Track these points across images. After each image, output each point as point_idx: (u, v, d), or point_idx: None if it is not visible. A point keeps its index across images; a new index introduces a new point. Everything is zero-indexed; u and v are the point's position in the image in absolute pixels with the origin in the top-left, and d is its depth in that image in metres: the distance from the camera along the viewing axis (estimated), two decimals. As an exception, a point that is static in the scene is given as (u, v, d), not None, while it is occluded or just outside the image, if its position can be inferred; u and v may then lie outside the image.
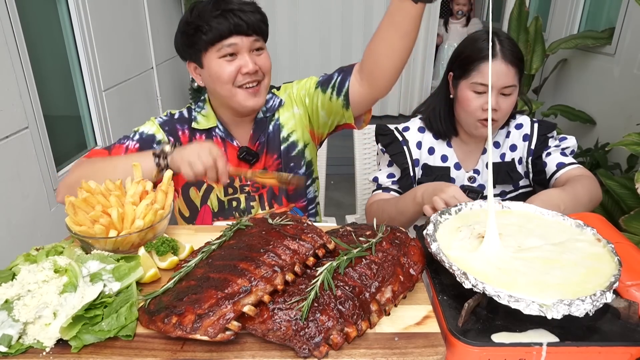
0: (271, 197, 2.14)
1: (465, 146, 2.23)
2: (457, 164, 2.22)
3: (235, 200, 2.12)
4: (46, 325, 1.11)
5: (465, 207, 1.52)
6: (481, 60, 1.97)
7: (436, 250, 1.24)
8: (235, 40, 1.85)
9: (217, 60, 1.88)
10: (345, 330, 1.09)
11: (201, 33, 1.85)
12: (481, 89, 1.97)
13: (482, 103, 1.98)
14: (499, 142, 2.22)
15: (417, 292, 1.29)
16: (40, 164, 3.02)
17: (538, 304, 1.05)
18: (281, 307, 1.11)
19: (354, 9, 7.40)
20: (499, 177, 2.15)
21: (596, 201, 1.95)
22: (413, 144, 2.22)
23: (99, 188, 1.50)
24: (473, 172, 2.23)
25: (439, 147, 2.23)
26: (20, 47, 2.83)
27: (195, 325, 1.06)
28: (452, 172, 2.22)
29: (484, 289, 1.10)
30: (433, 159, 2.23)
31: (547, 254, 1.26)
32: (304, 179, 2.13)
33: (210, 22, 1.83)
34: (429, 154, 2.23)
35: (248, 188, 2.10)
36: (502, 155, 2.21)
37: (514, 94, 2.02)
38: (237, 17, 1.84)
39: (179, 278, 1.24)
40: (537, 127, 2.18)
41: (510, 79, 1.96)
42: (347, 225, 1.46)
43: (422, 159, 2.23)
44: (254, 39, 1.89)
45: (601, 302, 1.07)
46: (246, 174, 1.88)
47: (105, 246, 1.40)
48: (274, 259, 1.18)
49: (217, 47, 1.86)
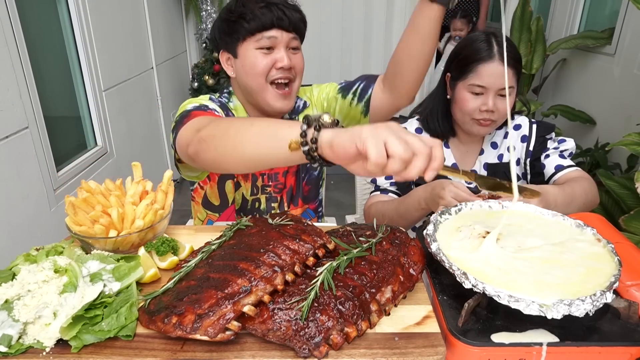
0: (290, 199, 2.15)
1: (463, 147, 2.24)
2: (454, 165, 2.23)
3: (257, 200, 2.13)
4: (46, 325, 1.11)
5: (465, 207, 1.52)
6: (479, 62, 1.97)
7: (436, 250, 1.24)
8: (275, 33, 1.86)
9: (253, 51, 1.88)
10: (345, 330, 1.09)
11: (244, 21, 1.86)
12: (478, 90, 1.98)
13: (479, 104, 1.99)
14: (497, 143, 2.23)
15: (417, 292, 1.29)
16: (40, 164, 3.02)
17: (538, 304, 1.05)
18: (281, 307, 1.11)
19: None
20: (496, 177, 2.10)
21: (592, 203, 1.96)
22: None
23: (99, 188, 1.50)
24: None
25: None
26: (20, 47, 2.83)
27: (195, 325, 1.06)
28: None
29: (484, 289, 1.10)
30: None
31: (547, 254, 1.26)
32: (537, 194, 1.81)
33: (255, 11, 1.85)
34: None
35: (270, 189, 2.11)
36: (499, 156, 2.22)
37: (512, 95, 2.03)
38: (281, 11, 1.86)
39: (179, 278, 1.24)
40: (536, 129, 2.19)
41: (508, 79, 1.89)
42: (347, 225, 1.46)
43: None
44: (292, 36, 1.90)
45: (601, 302, 1.07)
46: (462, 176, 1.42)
47: (105, 246, 1.40)
48: (274, 259, 1.18)
49: (257, 37, 1.87)
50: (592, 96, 4.97)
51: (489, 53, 1.96)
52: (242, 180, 2.07)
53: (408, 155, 1.03)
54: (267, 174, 2.09)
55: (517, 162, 2.20)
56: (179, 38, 6.13)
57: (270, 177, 2.09)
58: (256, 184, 2.09)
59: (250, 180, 2.08)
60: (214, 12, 6.23)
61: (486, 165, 2.21)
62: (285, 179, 2.12)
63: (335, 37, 7.45)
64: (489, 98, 1.97)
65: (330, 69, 7.59)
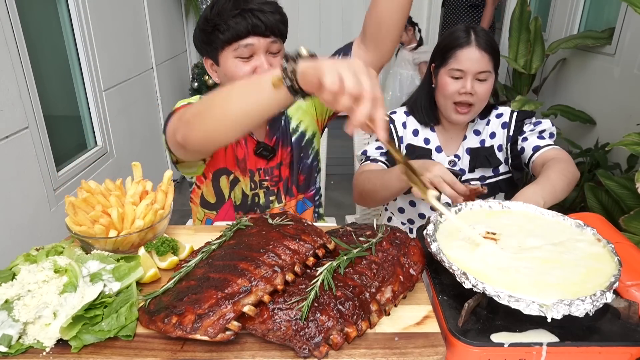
0: (286, 190, 2.16)
1: (447, 133, 2.36)
2: (439, 147, 2.36)
3: (256, 195, 2.13)
4: (46, 325, 1.11)
5: (465, 207, 1.52)
6: (457, 48, 2.14)
7: (436, 250, 1.24)
8: (252, 40, 1.83)
9: (233, 60, 1.86)
10: (345, 330, 1.09)
11: (218, 32, 1.84)
12: (458, 74, 2.14)
13: (459, 87, 2.14)
14: (479, 130, 2.35)
15: (417, 292, 1.29)
16: (40, 164, 3.01)
17: (538, 304, 1.05)
18: (281, 307, 1.11)
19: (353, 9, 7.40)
20: (478, 161, 2.30)
21: (573, 182, 1.97)
22: (399, 123, 2.38)
23: (99, 188, 1.50)
24: (454, 157, 2.36)
25: (423, 130, 2.38)
26: (20, 47, 2.83)
27: (195, 325, 1.06)
28: (434, 155, 2.35)
29: (484, 289, 1.10)
30: (417, 140, 2.37)
31: (547, 254, 1.26)
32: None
33: (229, 21, 1.81)
34: (413, 135, 2.38)
35: (267, 183, 2.11)
36: (481, 141, 2.34)
37: (490, 80, 2.16)
38: (256, 17, 1.82)
39: (179, 278, 1.24)
40: (516, 115, 2.31)
41: (484, 64, 2.12)
42: (347, 225, 1.46)
43: (407, 139, 2.38)
44: (271, 40, 1.87)
45: (601, 302, 1.07)
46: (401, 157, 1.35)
47: (105, 246, 1.40)
48: (274, 259, 1.18)
49: (234, 46, 1.84)
50: (592, 96, 4.96)
51: (467, 40, 2.12)
52: (240, 175, 2.07)
53: (356, 91, 1.10)
54: (262, 168, 2.09)
55: (499, 148, 2.33)
56: (179, 38, 6.13)
57: (267, 171, 2.09)
58: (254, 179, 2.09)
59: (248, 175, 2.08)
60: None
61: (469, 149, 2.33)
62: (280, 172, 2.12)
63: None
64: (467, 81, 2.12)
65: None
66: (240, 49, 1.83)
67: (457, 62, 2.13)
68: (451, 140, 2.37)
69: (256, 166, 2.08)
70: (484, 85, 2.15)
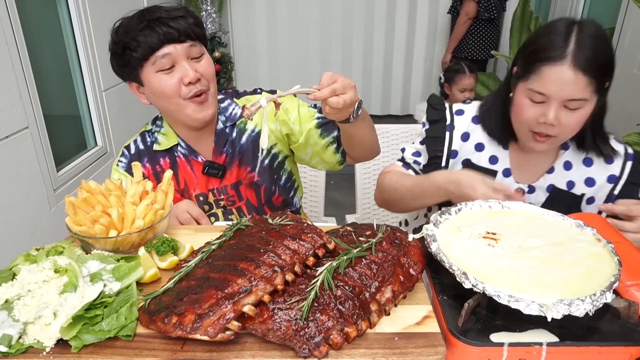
0: (251, 210, 2.07)
1: (524, 155, 1.88)
2: (507, 170, 1.89)
3: (213, 215, 2.07)
4: (46, 325, 1.11)
5: (465, 207, 1.51)
6: (544, 62, 1.60)
7: (436, 250, 1.24)
8: (168, 49, 1.74)
9: (155, 75, 1.77)
10: (345, 330, 1.09)
11: (130, 50, 1.75)
12: (539, 98, 1.62)
13: (538, 115, 1.64)
14: (571, 163, 1.85)
15: (417, 292, 1.29)
16: (40, 164, 3.02)
17: (538, 304, 1.05)
18: (281, 307, 1.11)
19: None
20: (557, 205, 1.67)
21: None
22: (458, 133, 1.93)
23: (99, 188, 1.50)
24: (526, 187, 1.87)
25: (492, 145, 1.90)
26: (20, 47, 2.83)
27: (195, 325, 1.06)
28: (498, 177, 1.89)
29: (484, 288, 1.10)
30: (478, 157, 1.91)
31: (547, 254, 1.26)
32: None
33: (138, 37, 1.73)
34: (475, 150, 1.92)
35: (223, 202, 2.05)
36: (569, 183, 1.84)
37: (585, 108, 1.62)
38: (165, 25, 1.73)
39: (179, 278, 1.24)
40: (629, 170, 1.81)
41: (579, 90, 1.57)
42: (347, 225, 1.46)
43: (464, 153, 1.93)
44: (189, 44, 1.77)
45: (601, 302, 1.07)
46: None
47: (105, 246, 1.40)
48: (274, 259, 1.18)
49: (151, 60, 1.75)
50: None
51: (561, 52, 1.57)
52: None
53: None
54: (216, 188, 2.02)
55: (589, 201, 1.85)
56: (179, 38, 6.11)
57: (220, 190, 2.02)
58: (208, 201, 2.04)
59: (195, 202, 2.00)
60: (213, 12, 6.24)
61: (551, 187, 1.86)
62: (237, 192, 2.04)
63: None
64: (550, 109, 1.60)
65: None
66: (158, 61, 1.74)
67: (540, 82, 1.60)
68: (529, 166, 1.87)
69: (208, 187, 2.02)
70: (573, 116, 1.61)
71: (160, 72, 1.76)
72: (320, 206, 3.20)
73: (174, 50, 1.74)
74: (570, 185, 1.83)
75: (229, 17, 7.15)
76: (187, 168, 2.00)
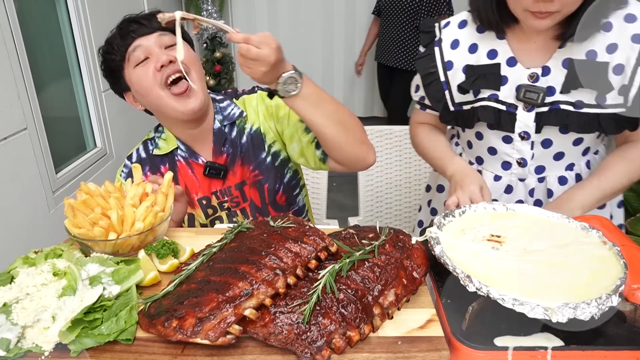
0: (255, 210, 2.08)
1: (526, 38, 1.74)
2: (512, 60, 1.76)
3: (218, 219, 2.08)
4: (45, 329, 1.11)
5: (469, 209, 1.51)
6: None
7: (440, 253, 1.24)
8: (139, 42, 1.82)
9: (133, 70, 1.84)
10: (348, 334, 1.09)
11: (112, 55, 1.86)
12: None
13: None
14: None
15: (421, 296, 1.29)
16: (39, 166, 3.02)
17: (543, 308, 1.05)
18: (283, 310, 1.11)
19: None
20: (576, 80, 1.63)
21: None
22: (447, 43, 1.87)
23: (98, 190, 1.50)
24: (539, 69, 1.71)
25: (484, 41, 1.81)
26: (18, 47, 2.84)
27: (195, 329, 1.06)
28: (505, 70, 1.76)
29: (488, 292, 1.10)
30: (477, 58, 1.82)
31: (552, 257, 1.26)
32: None
33: (114, 43, 1.85)
34: (470, 52, 1.83)
35: (227, 204, 2.05)
36: (590, 52, 1.65)
37: None
38: (135, 22, 1.85)
39: (180, 281, 1.24)
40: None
41: None
42: (349, 228, 1.46)
43: (460, 61, 1.85)
44: (158, 34, 1.84)
45: (607, 306, 1.07)
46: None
47: (104, 249, 1.40)
48: (275, 262, 1.18)
49: (128, 57, 1.84)
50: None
51: None
52: (189, 208, 2.04)
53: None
54: (219, 190, 2.03)
55: (617, 70, 1.63)
56: (179, 39, 6.13)
57: (224, 192, 2.03)
58: (211, 205, 2.05)
59: (197, 206, 2.04)
60: (214, 12, 6.25)
61: (567, 61, 1.68)
62: (242, 192, 2.04)
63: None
64: None
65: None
66: (132, 56, 1.83)
67: None
68: (535, 49, 1.73)
69: (211, 190, 2.03)
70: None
71: (137, 67, 1.83)
72: (323, 208, 3.20)
73: (144, 41, 1.83)
74: (592, 55, 1.64)
75: (230, 16, 7.16)
76: (188, 172, 2.01)
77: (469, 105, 1.85)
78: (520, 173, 1.88)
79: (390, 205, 3.29)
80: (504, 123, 1.78)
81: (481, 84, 1.79)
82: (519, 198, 1.92)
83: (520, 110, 1.74)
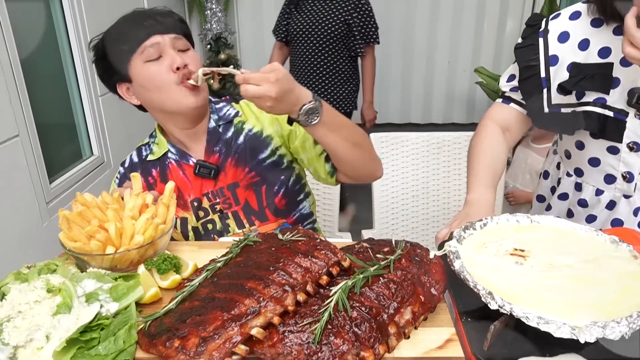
0: (250, 213, 2.08)
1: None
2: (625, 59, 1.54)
3: (210, 222, 2.10)
4: (38, 349, 1.12)
5: (491, 221, 1.51)
6: None
7: (459, 268, 1.24)
8: (156, 39, 1.86)
9: (144, 65, 1.87)
10: (362, 354, 1.09)
11: (120, 44, 1.88)
12: None
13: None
14: None
15: (439, 314, 1.29)
16: (31, 175, 3.03)
17: (570, 326, 1.05)
18: (292, 329, 1.11)
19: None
20: None
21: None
22: (554, 35, 1.75)
23: (95, 201, 1.51)
24: None
25: (598, 37, 1.68)
26: (10, 49, 2.85)
27: (199, 349, 1.06)
28: (617, 70, 1.64)
29: (512, 309, 1.10)
30: (586, 55, 1.70)
31: (579, 272, 1.26)
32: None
33: (128, 33, 1.87)
34: (580, 49, 1.71)
35: (219, 206, 2.07)
36: None
37: None
38: (152, 18, 1.88)
39: (182, 298, 1.25)
40: None
41: None
42: (363, 241, 1.46)
43: (567, 57, 1.74)
44: (174, 36, 1.89)
45: (638, 324, 1.06)
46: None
47: (102, 264, 1.41)
48: (284, 278, 1.18)
49: (140, 50, 1.86)
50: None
51: None
52: (182, 211, 2.07)
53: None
54: (210, 191, 2.05)
55: None
56: (181, 39, 6.15)
57: (215, 194, 2.06)
58: (202, 207, 2.07)
59: (190, 209, 2.07)
60: (219, 11, 6.25)
61: None
62: (234, 194, 2.06)
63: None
64: None
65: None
66: (146, 50, 1.85)
67: None
68: None
69: (202, 191, 2.05)
70: None
71: (148, 62, 1.86)
72: (335, 220, 3.17)
73: (161, 40, 1.86)
74: None
75: (235, 16, 7.16)
76: (180, 173, 2.05)
77: (569, 109, 1.77)
78: (626, 189, 1.79)
79: (406, 217, 3.26)
80: (611, 132, 1.70)
81: (587, 86, 1.69)
82: (619, 217, 1.83)
83: (632, 117, 1.65)
